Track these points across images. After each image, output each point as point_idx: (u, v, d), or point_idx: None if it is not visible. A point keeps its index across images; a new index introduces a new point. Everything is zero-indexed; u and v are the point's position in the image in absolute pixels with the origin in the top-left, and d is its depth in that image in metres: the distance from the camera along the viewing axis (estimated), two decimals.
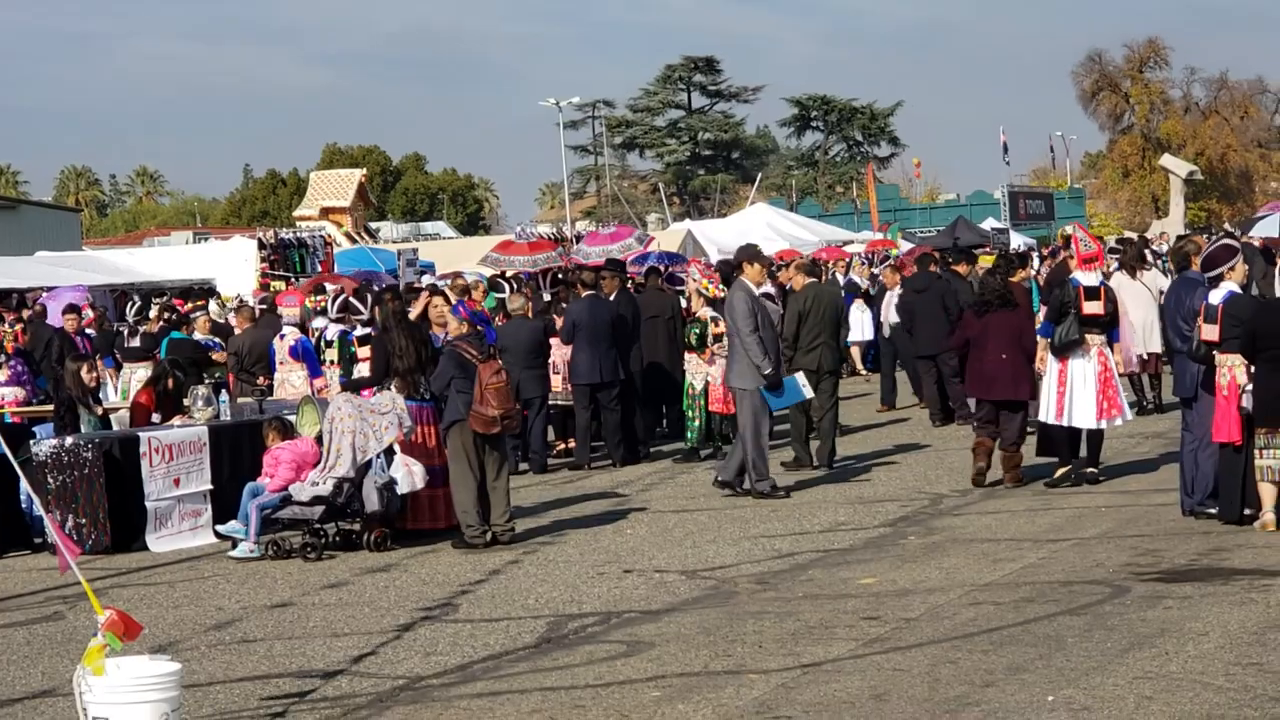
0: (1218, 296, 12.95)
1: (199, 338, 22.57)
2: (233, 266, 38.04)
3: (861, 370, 29.89)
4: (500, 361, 14.60)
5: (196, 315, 24.32)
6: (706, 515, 15.17)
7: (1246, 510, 12.76)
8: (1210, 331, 12.84)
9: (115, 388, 22.28)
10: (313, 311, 21.94)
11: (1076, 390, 15.49)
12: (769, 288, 19.18)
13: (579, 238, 35.94)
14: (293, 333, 19.64)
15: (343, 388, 16.35)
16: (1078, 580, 11.32)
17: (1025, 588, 11.18)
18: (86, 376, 16.19)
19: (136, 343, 23.26)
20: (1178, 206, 73.66)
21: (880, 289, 28.21)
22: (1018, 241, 47.71)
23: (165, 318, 24.29)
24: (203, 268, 38.00)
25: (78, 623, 11.45)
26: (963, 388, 18.90)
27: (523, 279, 28.05)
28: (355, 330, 19.06)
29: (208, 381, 17.83)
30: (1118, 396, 15.72)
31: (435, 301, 15.93)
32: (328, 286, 24.32)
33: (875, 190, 63.66)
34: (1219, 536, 12.58)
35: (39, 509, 12.41)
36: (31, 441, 15.22)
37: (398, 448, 14.13)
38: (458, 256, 39.42)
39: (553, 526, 14.96)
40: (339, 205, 58.56)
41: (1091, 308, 15.61)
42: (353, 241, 51.04)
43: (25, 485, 13.43)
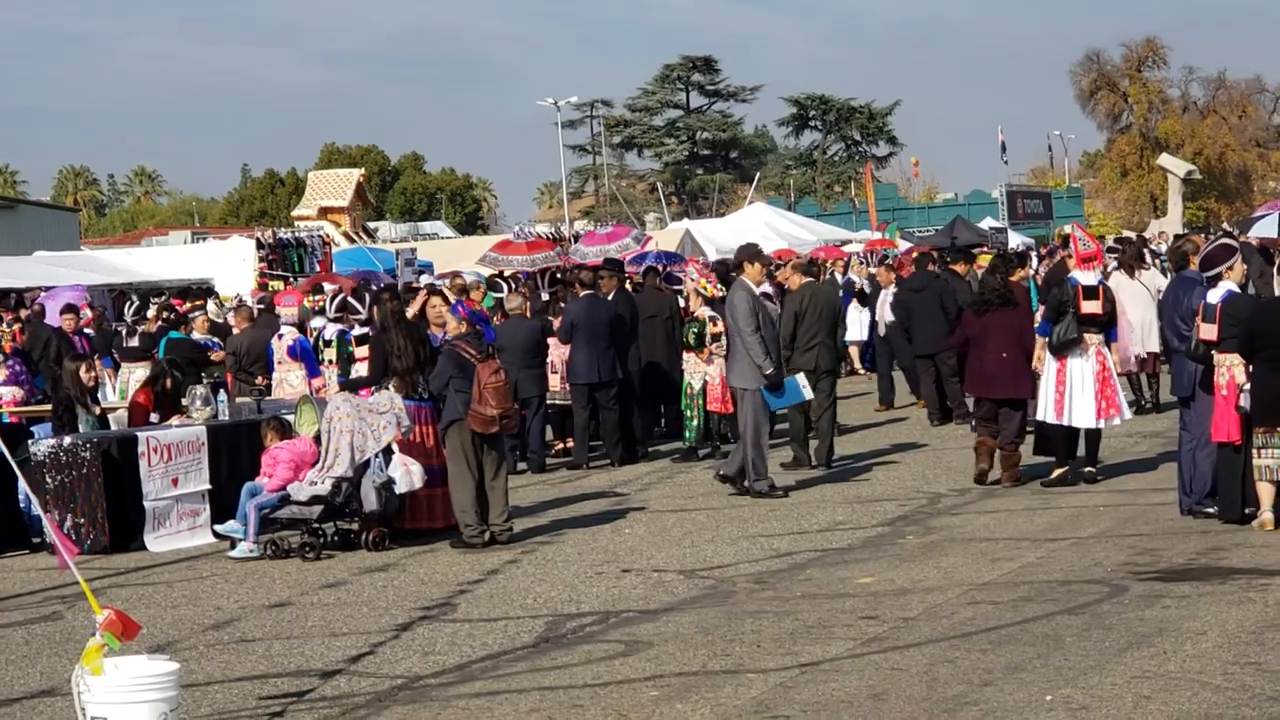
0: (1216, 296, 12.95)
1: (197, 337, 22.55)
2: (231, 266, 37.98)
3: (860, 370, 29.89)
4: (499, 361, 14.59)
5: (195, 315, 24.27)
6: (705, 515, 15.17)
7: (1248, 510, 12.77)
8: (1208, 331, 12.85)
9: (113, 387, 22.22)
10: (311, 311, 21.88)
11: (1075, 390, 15.49)
12: (767, 287, 19.19)
13: (577, 237, 35.85)
14: (291, 332, 19.63)
15: (341, 387, 16.35)
16: (1076, 579, 11.31)
17: (1023, 587, 11.18)
18: (85, 376, 16.17)
19: (135, 342, 23.23)
20: (1176, 206, 73.77)
21: (876, 288, 28.20)
22: (1016, 241, 47.71)
23: (163, 317, 24.24)
24: (201, 267, 37.95)
25: (76, 622, 11.45)
26: (961, 387, 18.92)
27: (521, 278, 27.98)
28: (353, 330, 19.03)
29: (206, 381, 17.82)
30: (1116, 396, 15.73)
31: (433, 301, 15.93)
32: (326, 286, 24.23)
33: (873, 190, 63.74)
34: (1217, 536, 12.58)
35: (37, 509, 12.37)
36: (30, 441, 15.22)
37: (396, 447, 14.12)
38: (456, 256, 39.36)
39: (551, 526, 14.95)
40: (337, 205, 58.59)
41: (1090, 307, 15.61)
42: (351, 241, 51.04)
43: (23, 485, 13.42)
